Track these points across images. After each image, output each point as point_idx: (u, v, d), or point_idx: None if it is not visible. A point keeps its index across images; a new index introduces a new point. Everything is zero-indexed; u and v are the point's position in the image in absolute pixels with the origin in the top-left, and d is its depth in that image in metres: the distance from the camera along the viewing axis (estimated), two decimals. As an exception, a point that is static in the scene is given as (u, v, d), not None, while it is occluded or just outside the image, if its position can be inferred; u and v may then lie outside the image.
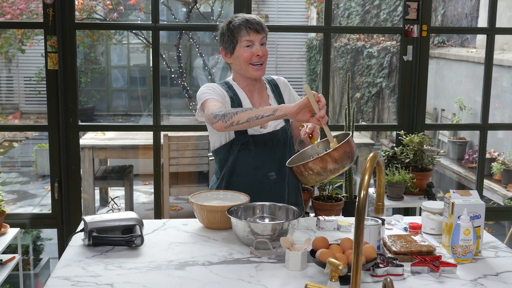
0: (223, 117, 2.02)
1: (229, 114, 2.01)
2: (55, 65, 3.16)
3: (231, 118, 2.00)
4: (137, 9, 8.94)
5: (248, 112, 1.99)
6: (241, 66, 2.24)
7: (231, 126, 2.01)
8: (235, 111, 2.01)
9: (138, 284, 1.62)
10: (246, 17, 2.24)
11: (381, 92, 8.50)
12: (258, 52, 2.20)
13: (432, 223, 2.05)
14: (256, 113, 1.98)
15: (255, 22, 2.22)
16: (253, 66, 2.22)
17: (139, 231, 1.91)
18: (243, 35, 2.20)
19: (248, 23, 2.21)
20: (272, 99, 2.33)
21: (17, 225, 3.22)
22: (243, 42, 2.21)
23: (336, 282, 1.53)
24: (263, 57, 2.22)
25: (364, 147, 5.34)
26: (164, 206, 4.73)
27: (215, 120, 2.03)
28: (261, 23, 2.24)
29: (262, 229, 1.84)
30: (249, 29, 2.20)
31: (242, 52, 2.21)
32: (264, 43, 2.24)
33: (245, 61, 2.22)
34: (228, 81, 2.32)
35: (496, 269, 1.77)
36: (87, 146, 5.04)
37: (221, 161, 2.32)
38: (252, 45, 2.21)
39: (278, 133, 2.29)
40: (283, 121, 2.31)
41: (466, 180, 5.66)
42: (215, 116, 2.05)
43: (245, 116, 1.99)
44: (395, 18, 8.28)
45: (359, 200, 1.33)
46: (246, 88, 2.29)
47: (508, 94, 5.99)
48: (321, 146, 2.10)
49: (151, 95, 3.48)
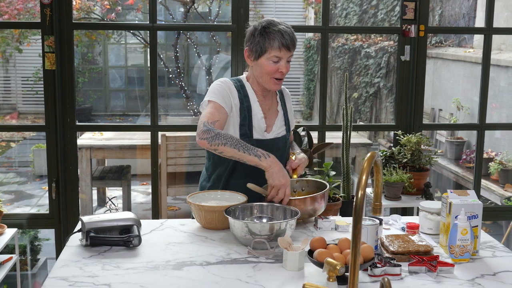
0: (211, 139, 2.05)
1: (218, 139, 2.04)
2: (53, 65, 3.15)
3: (217, 146, 2.04)
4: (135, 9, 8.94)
5: (234, 151, 2.04)
6: (262, 76, 2.22)
7: (213, 150, 2.08)
8: (225, 140, 2.04)
9: (136, 284, 1.62)
10: (282, 30, 2.17)
11: (379, 92, 8.51)
12: (282, 69, 2.18)
13: (430, 223, 2.05)
14: (242, 156, 2.04)
15: (289, 39, 2.16)
16: (274, 80, 2.21)
17: (137, 231, 1.91)
18: (274, 49, 2.16)
19: (283, 39, 2.16)
20: (280, 107, 2.35)
21: (15, 226, 3.22)
22: (271, 54, 2.17)
23: (333, 282, 1.54)
24: (285, 73, 2.21)
25: (361, 147, 5.35)
26: (162, 206, 4.73)
27: (202, 136, 2.06)
28: (295, 41, 2.19)
29: (259, 229, 1.84)
30: (282, 46, 2.16)
31: (266, 64, 2.18)
32: (289, 61, 2.21)
33: (268, 74, 2.20)
34: (242, 80, 2.30)
35: (494, 268, 1.77)
36: (84, 146, 5.04)
37: (217, 159, 2.30)
38: (279, 60, 2.18)
39: (279, 140, 2.31)
40: (284, 130, 2.34)
41: (463, 180, 5.67)
42: (204, 131, 2.07)
43: (230, 152, 2.05)
44: (392, 18, 8.29)
45: (357, 200, 1.33)
46: (258, 91, 2.29)
47: (505, 94, 6.00)
48: (298, 183, 2.26)
49: (148, 95, 3.48)
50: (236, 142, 2.06)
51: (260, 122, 2.26)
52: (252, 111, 2.25)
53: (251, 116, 2.25)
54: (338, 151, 3.02)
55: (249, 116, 2.24)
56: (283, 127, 2.34)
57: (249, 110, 2.25)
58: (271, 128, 2.30)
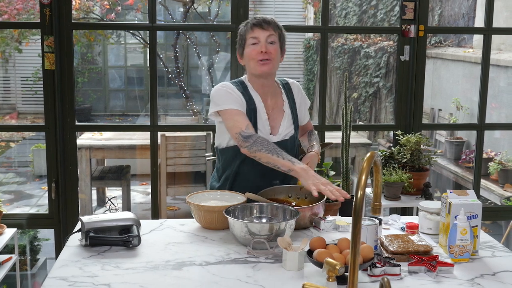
0: (251, 145, 2.11)
1: (256, 146, 2.10)
2: (52, 65, 3.15)
3: (255, 152, 2.11)
4: (134, 9, 8.93)
5: (270, 157, 2.09)
6: (249, 64, 2.23)
7: (253, 157, 2.13)
8: (261, 146, 2.09)
9: (135, 284, 1.62)
10: (256, 16, 2.26)
11: (378, 92, 8.51)
12: (262, 49, 2.19)
13: (429, 223, 2.05)
14: (276, 162, 2.08)
15: (261, 19, 2.22)
16: (259, 62, 2.21)
17: (136, 231, 1.91)
18: (248, 33, 2.22)
19: (254, 20, 2.22)
20: (287, 106, 2.33)
21: (14, 226, 3.22)
22: (249, 39, 2.22)
23: (333, 282, 1.54)
24: (269, 54, 2.20)
25: (361, 147, 5.35)
26: (161, 206, 4.73)
27: (244, 144, 2.12)
28: (269, 21, 2.22)
29: (259, 229, 1.84)
30: (253, 26, 2.20)
31: (249, 51, 2.22)
32: (273, 42, 2.22)
33: (250, 57, 2.21)
34: (243, 81, 2.30)
35: (493, 268, 1.77)
36: (84, 146, 5.03)
37: (226, 161, 2.31)
38: (258, 42, 2.20)
39: (287, 142, 2.29)
40: (293, 130, 2.32)
41: (463, 180, 5.67)
42: (244, 140, 2.12)
43: (267, 158, 2.10)
44: (392, 18, 8.29)
45: (356, 200, 1.33)
46: (260, 90, 2.28)
47: (505, 94, 6.01)
48: (302, 190, 2.24)
49: (148, 95, 3.48)
50: (271, 148, 2.10)
51: (264, 124, 2.25)
52: (257, 113, 2.25)
53: (256, 118, 2.24)
54: (338, 151, 3.02)
55: (254, 118, 2.24)
56: (291, 126, 2.32)
57: (254, 112, 2.24)
58: (277, 130, 2.28)
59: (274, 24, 2.23)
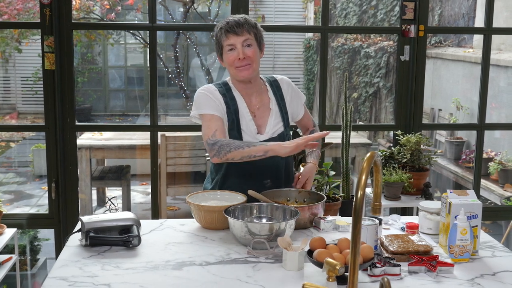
0: (218, 152, 2.09)
1: (223, 150, 2.08)
2: (52, 65, 3.15)
3: (225, 155, 2.08)
4: (134, 9, 8.94)
5: (241, 151, 2.06)
6: (229, 70, 2.23)
7: (226, 161, 2.11)
8: (228, 147, 2.07)
9: (135, 284, 1.62)
10: (228, 19, 2.20)
11: (378, 92, 8.51)
12: (240, 55, 2.16)
13: (429, 223, 2.05)
14: (249, 152, 2.06)
15: (234, 24, 2.16)
16: (238, 68, 2.19)
17: (136, 231, 1.91)
18: (224, 40, 2.18)
19: (227, 26, 2.17)
20: (273, 103, 2.29)
21: (14, 226, 3.22)
22: (225, 47, 2.18)
23: (333, 282, 1.54)
24: (247, 59, 2.17)
25: (361, 147, 5.35)
26: (161, 206, 4.73)
27: (211, 154, 2.12)
28: (242, 24, 2.16)
29: (259, 229, 1.84)
30: (227, 33, 2.16)
31: (227, 57, 2.19)
32: (249, 45, 2.18)
33: (229, 64, 2.20)
34: (227, 82, 2.29)
35: (493, 268, 1.77)
36: (84, 146, 5.03)
37: (216, 165, 2.30)
38: (235, 48, 2.17)
39: (276, 139, 2.25)
40: (282, 127, 2.29)
41: (463, 180, 5.67)
42: (210, 148, 2.11)
43: (239, 154, 2.07)
44: (392, 18, 8.29)
45: (356, 200, 1.33)
46: (243, 91, 2.26)
47: (505, 94, 6.01)
48: (301, 193, 2.25)
49: (148, 95, 3.47)
50: (238, 144, 2.07)
51: (249, 124, 2.23)
52: (240, 114, 2.22)
53: (238, 119, 2.22)
54: (338, 151, 3.02)
55: (237, 119, 2.22)
56: (280, 123, 2.29)
57: (236, 113, 2.22)
58: (264, 129, 2.26)
59: (247, 25, 2.17)
